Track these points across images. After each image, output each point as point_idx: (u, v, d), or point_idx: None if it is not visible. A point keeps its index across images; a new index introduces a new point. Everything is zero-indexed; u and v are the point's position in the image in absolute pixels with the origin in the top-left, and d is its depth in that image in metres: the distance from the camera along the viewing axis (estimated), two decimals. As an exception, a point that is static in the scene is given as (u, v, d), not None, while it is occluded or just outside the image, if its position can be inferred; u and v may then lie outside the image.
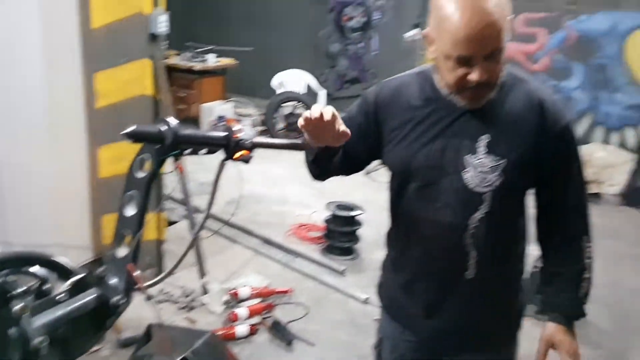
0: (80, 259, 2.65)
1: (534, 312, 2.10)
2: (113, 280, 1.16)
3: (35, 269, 1.19)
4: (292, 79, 6.68)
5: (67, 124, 2.76)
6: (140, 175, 1.17)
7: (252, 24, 7.84)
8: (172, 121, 1.14)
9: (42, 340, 1.04)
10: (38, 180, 2.65)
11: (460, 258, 1.29)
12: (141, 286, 1.25)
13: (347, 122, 1.23)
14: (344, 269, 3.50)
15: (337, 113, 1.15)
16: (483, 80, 1.15)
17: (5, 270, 1.13)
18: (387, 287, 1.52)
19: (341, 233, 3.73)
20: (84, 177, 2.87)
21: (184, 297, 3.14)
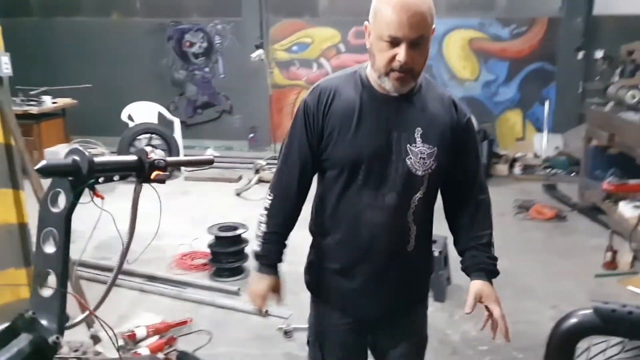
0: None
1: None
2: (44, 321, 1.09)
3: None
4: (142, 111, 6.47)
5: None
6: (56, 211, 1.12)
7: (89, 61, 7.46)
8: (83, 150, 1.11)
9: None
10: None
11: (405, 233, 1.51)
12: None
13: (297, 146, 1.49)
14: (238, 288, 3.50)
15: (265, 292, 1.61)
16: (408, 63, 1.35)
17: None
18: (322, 277, 1.62)
19: (228, 254, 3.71)
20: None
21: (73, 352, 2.89)
